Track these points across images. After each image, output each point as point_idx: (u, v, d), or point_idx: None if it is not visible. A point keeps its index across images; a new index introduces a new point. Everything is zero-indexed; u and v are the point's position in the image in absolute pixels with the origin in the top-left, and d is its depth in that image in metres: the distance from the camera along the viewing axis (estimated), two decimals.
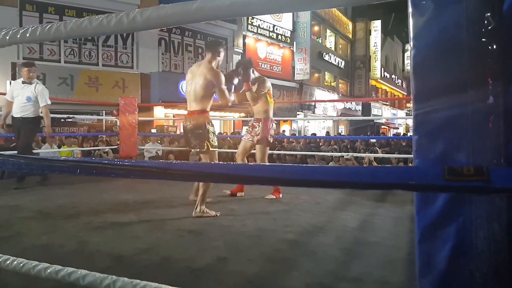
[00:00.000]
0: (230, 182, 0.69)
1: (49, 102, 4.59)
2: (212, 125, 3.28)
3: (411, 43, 0.73)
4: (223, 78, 3.24)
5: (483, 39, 0.66)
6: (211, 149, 3.23)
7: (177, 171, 0.73)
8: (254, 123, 3.98)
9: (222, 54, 3.37)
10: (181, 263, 2.09)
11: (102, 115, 9.83)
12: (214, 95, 3.29)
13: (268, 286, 1.84)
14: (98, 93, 11.04)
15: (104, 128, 11.31)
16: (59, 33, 0.89)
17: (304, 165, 0.64)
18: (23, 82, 4.49)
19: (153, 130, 10.73)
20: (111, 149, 7.27)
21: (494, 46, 0.66)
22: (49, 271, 1.01)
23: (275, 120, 4.20)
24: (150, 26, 0.81)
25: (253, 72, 3.89)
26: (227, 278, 1.91)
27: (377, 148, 9.07)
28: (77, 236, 2.54)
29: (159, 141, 8.75)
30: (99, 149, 7.26)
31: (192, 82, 3.26)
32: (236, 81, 3.61)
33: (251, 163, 3.73)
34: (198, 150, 3.30)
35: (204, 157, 3.34)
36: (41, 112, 4.55)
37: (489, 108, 0.67)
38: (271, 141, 4.03)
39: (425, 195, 0.71)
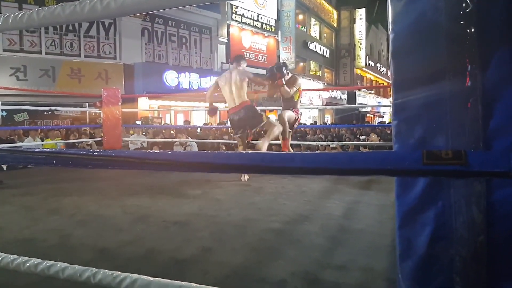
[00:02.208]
0: (209, 171, 0.68)
1: None
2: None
3: (390, 28, 0.73)
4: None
5: (461, 22, 0.66)
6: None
7: (155, 160, 0.71)
8: None
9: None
10: (166, 255, 2.08)
11: (86, 107, 9.65)
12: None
13: (253, 275, 1.84)
14: (80, 84, 10.83)
15: (87, 120, 11.13)
16: (32, 21, 0.86)
17: (283, 152, 0.63)
18: None
19: (138, 122, 10.58)
20: (95, 141, 7.16)
21: (472, 29, 0.65)
22: (28, 264, 0.99)
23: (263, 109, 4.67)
24: (125, 12, 0.78)
25: (287, 73, 4.44)
26: (212, 268, 1.91)
27: (364, 137, 9.14)
28: (60, 230, 2.50)
29: (144, 133, 8.65)
30: (82, 142, 7.14)
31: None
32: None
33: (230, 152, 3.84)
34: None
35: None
36: None
37: (467, 92, 0.67)
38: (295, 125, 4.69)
39: (404, 180, 0.71)
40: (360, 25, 25.57)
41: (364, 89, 26.67)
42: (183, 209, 3.08)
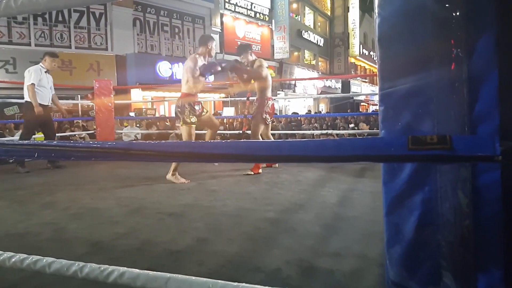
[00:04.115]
0: (196, 160, 0.67)
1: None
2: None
3: (376, 12, 0.72)
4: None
5: (446, 5, 0.65)
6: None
7: (140, 151, 0.70)
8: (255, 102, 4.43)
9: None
10: (161, 246, 2.08)
11: (78, 100, 9.56)
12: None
13: (248, 265, 1.85)
14: (72, 76, 10.70)
15: (80, 113, 11.03)
16: (10, 9, 0.83)
17: (270, 140, 0.62)
18: (46, 71, 4.68)
19: (131, 114, 10.51)
20: (87, 134, 7.11)
21: (458, 13, 0.64)
22: (13, 260, 0.98)
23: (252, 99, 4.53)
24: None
25: (250, 54, 4.30)
26: (207, 258, 1.91)
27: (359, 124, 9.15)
28: (53, 224, 2.49)
29: (137, 125, 8.60)
30: (75, 135, 7.09)
31: None
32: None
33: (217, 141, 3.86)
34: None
35: None
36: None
37: (453, 77, 0.66)
38: (266, 117, 4.28)
39: (391, 166, 0.71)
40: (354, 14, 25.42)
41: (358, 78, 26.62)
42: (178, 200, 3.07)
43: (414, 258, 0.71)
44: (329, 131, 7.11)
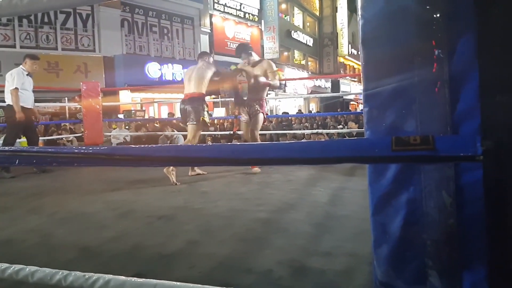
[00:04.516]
0: (182, 164, 0.66)
1: None
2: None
3: (359, 14, 0.72)
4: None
5: (428, 7, 0.65)
6: None
7: (123, 156, 0.69)
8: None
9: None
10: (151, 250, 2.06)
11: (65, 102, 9.45)
12: None
13: (239, 266, 1.84)
14: (58, 79, 10.57)
15: (67, 115, 10.90)
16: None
17: (256, 143, 0.62)
18: (28, 74, 4.62)
19: (120, 116, 10.42)
20: (75, 137, 7.03)
21: (439, 14, 0.65)
22: None
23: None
24: (90, 1, 0.74)
25: (251, 54, 4.34)
26: (198, 261, 1.90)
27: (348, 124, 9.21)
28: (40, 230, 2.45)
29: (126, 127, 8.52)
30: (62, 138, 7.00)
31: None
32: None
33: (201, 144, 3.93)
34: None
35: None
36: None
37: (435, 77, 0.67)
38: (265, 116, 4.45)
39: (377, 166, 0.71)
40: (342, 14, 25.60)
41: (347, 77, 26.80)
42: (169, 203, 3.05)
43: (400, 258, 0.71)
44: (320, 131, 7.14)
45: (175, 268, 1.84)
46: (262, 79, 4.13)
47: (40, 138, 7.10)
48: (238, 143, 3.93)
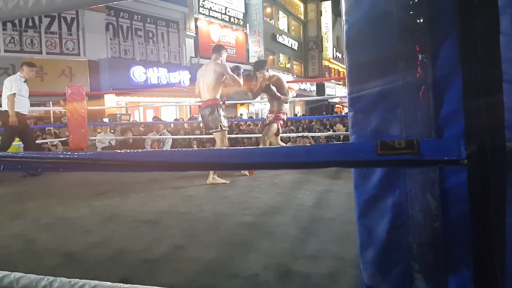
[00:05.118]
0: (167, 170, 0.66)
1: None
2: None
3: (343, 19, 0.73)
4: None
5: (411, 12, 0.66)
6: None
7: (109, 161, 0.68)
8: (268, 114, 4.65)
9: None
10: (136, 255, 2.04)
11: (49, 106, 9.28)
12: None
13: (225, 271, 1.83)
14: (43, 82, 10.38)
15: (52, 119, 10.72)
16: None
17: (241, 147, 0.62)
18: (25, 81, 4.72)
19: (106, 120, 10.29)
20: (60, 141, 6.91)
21: (421, 19, 0.66)
22: None
23: (231, 103, 4.65)
24: (72, 6, 0.73)
25: (267, 70, 4.41)
26: (183, 266, 1.88)
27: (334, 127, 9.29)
28: (23, 235, 2.40)
29: (112, 131, 8.41)
30: (47, 142, 6.87)
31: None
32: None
33: (187, 149, 3.94)
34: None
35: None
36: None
37: (419, 81, 0.68)
38: (279, 128, 4.51)
39: (362, 170, 0.72)
40: (327, 18, 25.89)
41: (332, 80, 27.07)
42: (154, 207, 3.02)
43: (386, 261, 0.72)
44: (305, 134, 7.18)
45: (160, 273, 1.82)
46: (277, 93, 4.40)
47: None
48: (225, 148, 3.96)
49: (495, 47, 0.61)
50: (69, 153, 0.68)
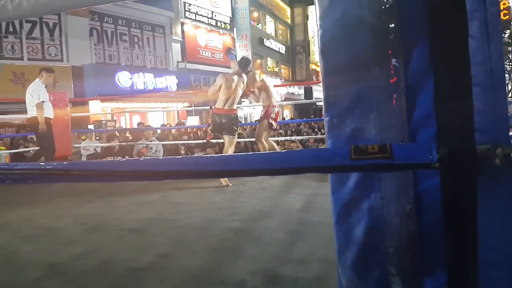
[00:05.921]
0: (142, 179, 0.65)
1: None
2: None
3: (318, 24, 0.73)
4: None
5: (383, 17, 0.67)
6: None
7: (82, 171, 0.66)
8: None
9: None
10: (122, 264, 2.01)
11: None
12: None
13: (212, 278, 1.81)
14: (24, 89, 10.16)
15: None
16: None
17: (218, 155, 0.61)
18: (45, 86, 4.85)
19: (91, 126, 10.15)
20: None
21: (393, 24, 0.67)
22: None
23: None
24: (39, 12, 0.72)
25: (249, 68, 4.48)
26: (170, 274, 1.86)
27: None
28: (4, 247, 2.34)
29: (97, 138, 8.31)
30: (29, 151, 6.75)
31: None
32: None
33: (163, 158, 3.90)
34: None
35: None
36: None
37: (391, 86, 0.68)
38: (272, 123, 4.52)
39: (338, 175, 0.72)
40: (313, 22, 26.08)
41: (320, 84, 27.27)
42: (140, 215, 2.99)
43: (364, 265, 0.72)
44: (293, 138, 7.19)
45: (147, 282, 1.80)
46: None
47: (6, 151, 6.84)
48: (201, 156, 4.00)
49: (464, 51, 0.62)
50: (38, 163, 0.65)
